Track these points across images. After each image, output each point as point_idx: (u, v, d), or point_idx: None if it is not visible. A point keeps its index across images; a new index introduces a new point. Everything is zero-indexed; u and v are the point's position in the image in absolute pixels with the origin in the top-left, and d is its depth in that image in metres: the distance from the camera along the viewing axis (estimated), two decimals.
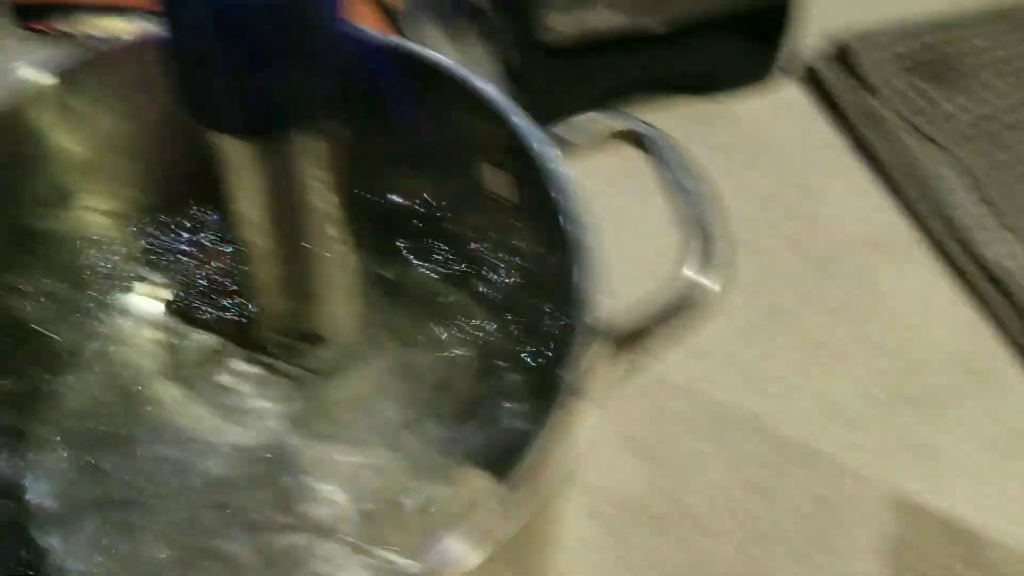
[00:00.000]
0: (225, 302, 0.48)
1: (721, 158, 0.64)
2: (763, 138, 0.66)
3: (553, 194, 0.38)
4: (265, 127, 0.36)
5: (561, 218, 0.38)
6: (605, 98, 0.65)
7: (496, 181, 0.44)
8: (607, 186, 0.54)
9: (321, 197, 0.40)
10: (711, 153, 0.63)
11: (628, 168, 0.42)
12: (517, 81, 0.62)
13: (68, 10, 0.65)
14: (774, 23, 0.63)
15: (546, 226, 0.40)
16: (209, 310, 0.48)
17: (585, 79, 0.62)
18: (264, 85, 0.34)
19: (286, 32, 0.33)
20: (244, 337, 0.47)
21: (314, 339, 0.46)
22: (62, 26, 0.66)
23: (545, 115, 0.62)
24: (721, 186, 0.40)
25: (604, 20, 0.59)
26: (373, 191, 0.46)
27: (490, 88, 0.41)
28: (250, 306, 0.46)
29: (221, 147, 0.37)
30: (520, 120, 0.40)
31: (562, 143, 0.41)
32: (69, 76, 0.41)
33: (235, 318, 0.48)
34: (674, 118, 0.65)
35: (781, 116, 0.66)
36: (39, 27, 0.66)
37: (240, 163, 0.37)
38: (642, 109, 0.66)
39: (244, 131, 0.36)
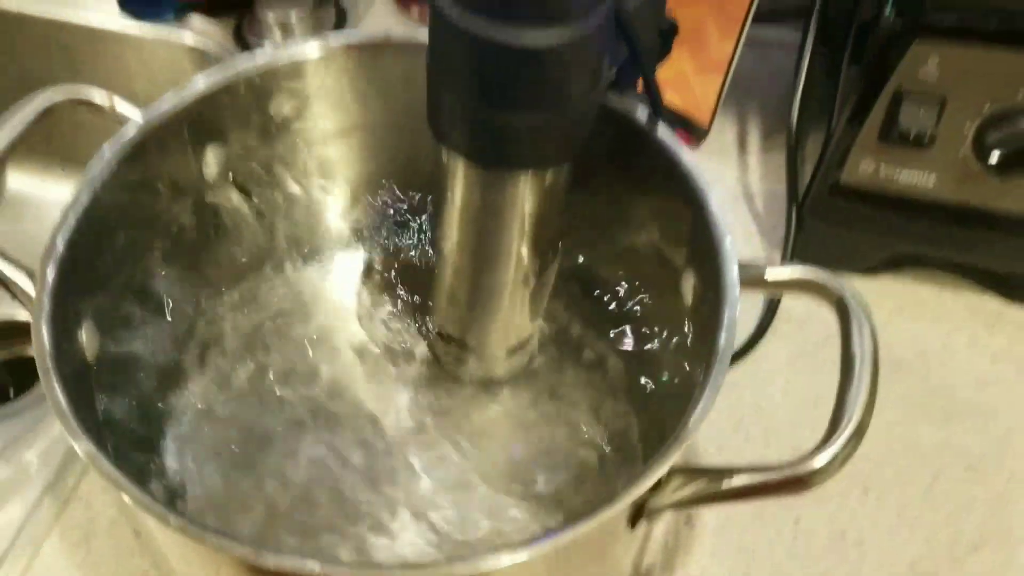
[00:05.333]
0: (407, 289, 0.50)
1: (986, 365, 0.55)
2: None
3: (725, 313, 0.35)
4: (495, 160, 0.36)
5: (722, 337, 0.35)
6: (893, 260, 0.59)
7: (685, 285, 0.42)
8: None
9: (521, 232, 0.40)
10: (975, 354, 0.56)
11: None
12: (800, 208, 0.58)
13: None
14: None
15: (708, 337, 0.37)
16: (398, 286, 0.50)
17: (871, 226, 0.56)
18: (505, 126, 0.35)
19: (542, 86, 0.33)
20: (417, 321, 0.49)
21: (464, 348, 0.46)
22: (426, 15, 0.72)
23: (822, 254, 0.59)
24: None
25: (915, 181, 0.53)
26: (568, 247, 0.45)
27: (712, 196, 0.39)
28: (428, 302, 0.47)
29: (448, 159, 0.38)
30: (728, 241, 0.37)
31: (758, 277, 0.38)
32: (358, 50, 0.44)
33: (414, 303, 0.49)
34: (959, 304, 0.58)
35: None
36: (407, 6, 0.72)
37: (460, 178, 0.39)
38: (928, 284, 0.59)
39: (474, 158, 0.37)
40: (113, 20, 0.72)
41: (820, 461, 0.31)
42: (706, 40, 0.61)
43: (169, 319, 0.44)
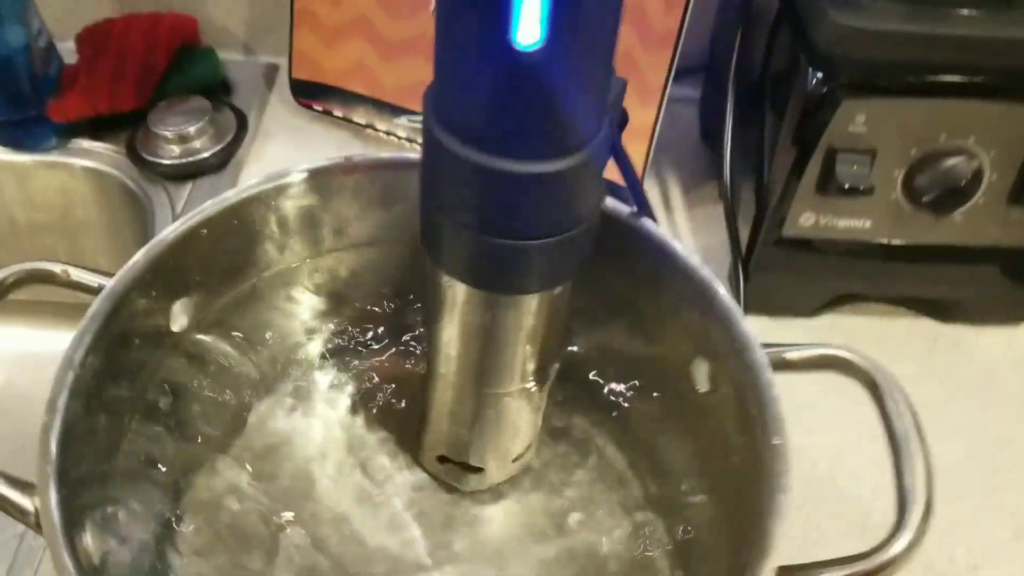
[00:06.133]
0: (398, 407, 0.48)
1: (934, 387, 0.58)
2: (987, 381, 0.59)
3: (763, 408, 0.36)
4: (503, 287, 0.35)
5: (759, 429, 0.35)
6: (834, 299, 0.61)
7: (698, 373, 0.42)
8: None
9: (527, 345, 0.39)
10: (923, 376, 0.59)
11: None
12: (745, 264, 0.59)
13: (338, 95, 0.69)
14: None
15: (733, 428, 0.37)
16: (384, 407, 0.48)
17: (815, 272, 0.59)
18: (513, 253, 0.34)
19: (554, 212, 0.33)
20: (409, 446, 0.47)
21: (471, 469, 0.45)
22: (331, 108, 0.70)
23: (768, 302, 0.61)
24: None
25: (852, 226, 0.56)
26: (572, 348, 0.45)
27: (719, 287, 0.39)
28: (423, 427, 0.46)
29: (445, 281, 0.37)
30: (742, 325, 0.38)
31: (778, 359, 0.38)
32: (319, 176, 0.42)
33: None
34: (899, 331, 0.61)
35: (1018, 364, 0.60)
36: (309, 104, 0.70)
37: (461, 301, 0.37)
38: (868, 316, 0.61)
39: (479, 285, 0.36)
40: None
41: (899, 547, 0.32)
42: (629, 110, 0.62)
43: (162, 488, 0.41)
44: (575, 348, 0.46)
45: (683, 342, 0.42)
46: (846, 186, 0.53)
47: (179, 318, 0.41)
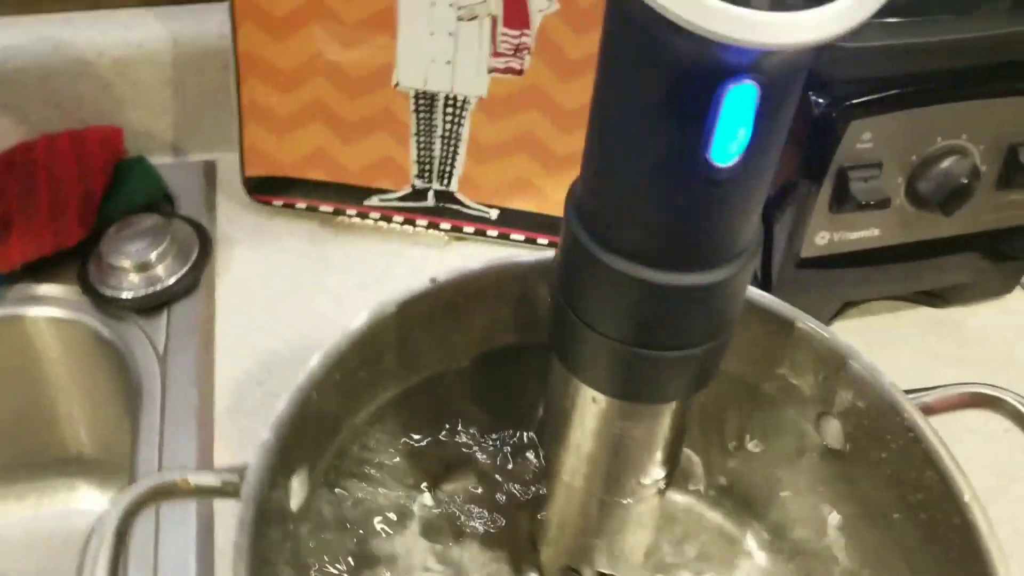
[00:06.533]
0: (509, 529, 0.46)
1: (951, 372, 0.61)
2: (997, 355, 0.63)
3: (936, 465, 0.36)
4: (648, 398, 0.34)
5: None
6: (843, 304, 0.63)
7: (830, 432, 0.42)
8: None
9: (664, 447, 0.38)
10: (940, 365, 0.61)
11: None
12: (764, 286, 0.60)
13: (299, 186, 0.65)
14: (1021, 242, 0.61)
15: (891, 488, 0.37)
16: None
17: (829, 286, 0.60)
18: (663, 364, 0.32)
19: (710, 320, 0.32)
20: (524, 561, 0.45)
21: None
22: (292, 201, 0.65)
23: None
24: None
25: (863, 236, 0.57)
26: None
27: (852, 346, 0.39)
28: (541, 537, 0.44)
29: (576, 392, 0.35)
30: (887, 383, 0.38)
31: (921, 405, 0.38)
32: (408, 307, 0.39)
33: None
34: (905, 325, 0.63)
35: (1016, 332, 0.64)
36: (267, 201, 0.65)
37: (592, 410, 0.36)
38: (870, 316, 0.63)
39: (623, 396, 0.34)
40: None
41: None
42: (544, 140, 0.61)
43: None
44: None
45: (804, 403, 0.41)
46: (863, 202, 0.54)
47: (297, 494, 0.37)
